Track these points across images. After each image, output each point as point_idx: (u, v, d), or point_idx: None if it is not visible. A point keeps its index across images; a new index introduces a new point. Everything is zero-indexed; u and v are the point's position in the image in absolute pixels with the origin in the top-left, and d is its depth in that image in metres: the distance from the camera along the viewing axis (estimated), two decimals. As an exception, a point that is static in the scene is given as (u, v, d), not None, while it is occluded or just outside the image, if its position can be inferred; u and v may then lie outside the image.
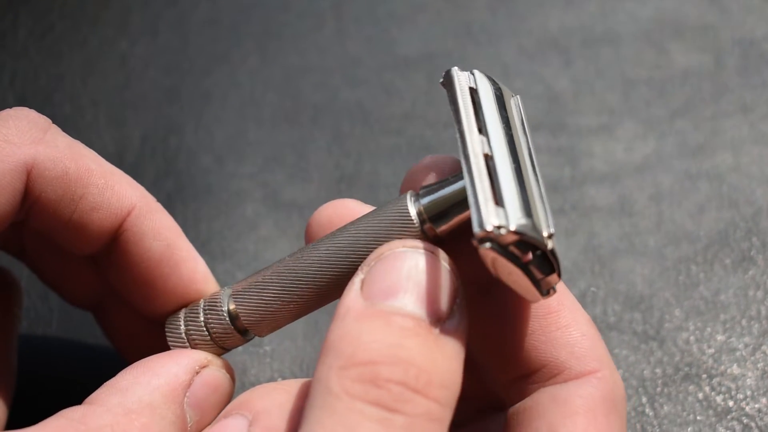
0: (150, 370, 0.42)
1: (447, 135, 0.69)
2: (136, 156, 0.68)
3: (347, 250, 0.42)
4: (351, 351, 0.36)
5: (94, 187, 0.45)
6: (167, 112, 0.71)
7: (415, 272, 0.38)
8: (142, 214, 0.46)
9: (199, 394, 0.43)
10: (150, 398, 0.41)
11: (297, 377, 0.57)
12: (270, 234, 0.64)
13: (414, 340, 0.37)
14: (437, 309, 0.38)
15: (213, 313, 0.45)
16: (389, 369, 0.36)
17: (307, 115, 0.71)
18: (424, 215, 0.41)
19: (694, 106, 0.70)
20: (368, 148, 0.69)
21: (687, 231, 0.63)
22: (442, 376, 0.37)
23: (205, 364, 0.44)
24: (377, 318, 0.37)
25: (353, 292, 0.39)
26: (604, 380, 0.41)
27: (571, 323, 0.42)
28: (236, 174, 0.68)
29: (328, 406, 0.35)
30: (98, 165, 0.46)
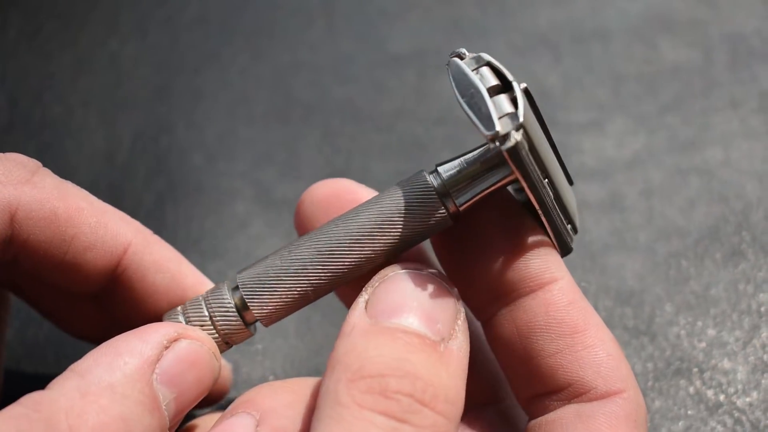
0: (112, 349, 0.40)
1: (438, 131, 0.69)
2: (127, 155, 0.68)
3: (367, 231, 0.42)
4: (359, 365, 0.37)
5: (86, 226, 0.44)
6: (158, 111, 0.71)
7: (419, 293, 0.39)
8: (139, 249, 0.46)
9: (172, 370, 0.41)
10: (110, 378, 0.39)
11: (289, 375, 0.57)
12: (261, 232, 0.64)
13: (419, 356, 0.37)
14: (440, 328, 0.39)
15: (219, 306, 0.44)
16: (398, 381, 0.36)
17: (297, 113, 0.71)
18: (446, 188, 0.41)
19: (683, 101, 0.70)
20: (359, 145, 0.69)
21: (677, 226, 0.63)
22: (447, 391, 0.37)
23: (175, 337, 0.41)
24: (383, 334, 0.38)
25: (357, 311, 0.39)
26: (629, 400, 0.41)
27: (596, 343, 0.42)
28: (227, 172, 0.67)
29: (337, 415, 0.36)
30: (89, 204, 0.45)
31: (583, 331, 0.42)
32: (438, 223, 0.42)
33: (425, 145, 0.68)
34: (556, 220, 0.41)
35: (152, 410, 0.40)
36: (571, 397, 0.42)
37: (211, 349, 0.43)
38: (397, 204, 0.42)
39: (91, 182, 0.66)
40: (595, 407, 0.41)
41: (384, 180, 0.66)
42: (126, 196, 0.65)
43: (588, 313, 0.43)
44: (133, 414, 0.39)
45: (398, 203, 0.42)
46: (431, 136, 0.69)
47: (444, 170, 0.42)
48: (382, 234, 0.42)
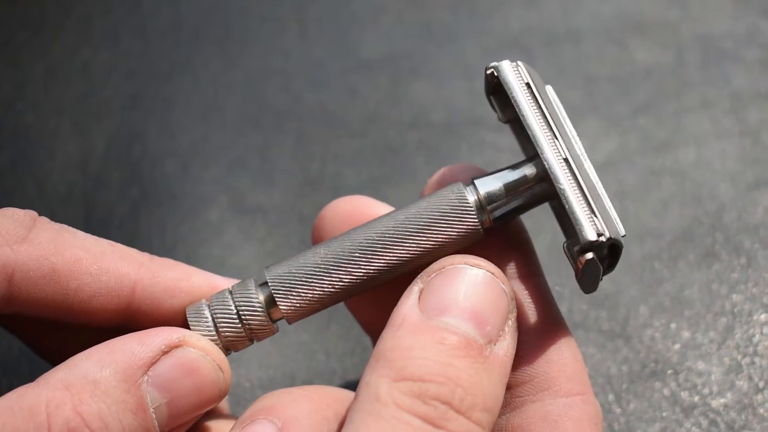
0: (108, 346, 0.41)
1: (411, 136, 0.69)
2: (101, 164, 0.68)
3: (402, 237, 0.43)
4: (402, 364, 0.37)
5: (87, 276, 0.44)
6: (131, 119, 0.71)
7: (473, 291, 0.40)
8: (147, 284, 0.45)
9: (166, 374, 0.41)
10: (96, 374, 0.39)
11: (263, 382, 0.58)
12: (235, 239, 0.64)
13: (463, 361, 0.38)
14: (489, 331, 0.39)
15: (245, 301, 0.44)
16: (437, 387, 0.37)
17: (270, 119, 0.70)
18: (482, 203, 0.42)
19: (656, 102, 0.70)
20: (332, 150, 0.68)
21: (651, 228, 0.63)
22: (485, 399, 0.38)
23: (176, 343, 0.42)
24: (431, 334, 0.38)
25: (410, 301, 0.40)
26: (590, 404, 0.42)
27: (563, 343, 0.43)
28: (200, 179, 0.67)
29: (375, 411, 0.36)
30: (87, 251, 0.44)
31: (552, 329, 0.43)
32: (471, 235, 0.43)
33: (398, 150, 0.68)
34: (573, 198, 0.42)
35: (135, 411, 0.40)
36: (534, 392, 0.42)
37: (216, 360, 0.43)
38: (434, 213, 0.43)
39: (65, 191, 0.65)
40: (560, 409, 0.41)
41: (357, 186, 0.65)
42: (99, 205, 0.65)
43: (558, 314, 0.44)
44: (111, 411, 0.39)
45: (435, 212, 0.43)
46: (404, 140, 0.69)
47: (481, 184, 0.43)
48: (415, 239, 0.43)
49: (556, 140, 0.41)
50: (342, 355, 0.59)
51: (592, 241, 0.39)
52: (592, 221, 0.39)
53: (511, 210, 0.43)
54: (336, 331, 0.60)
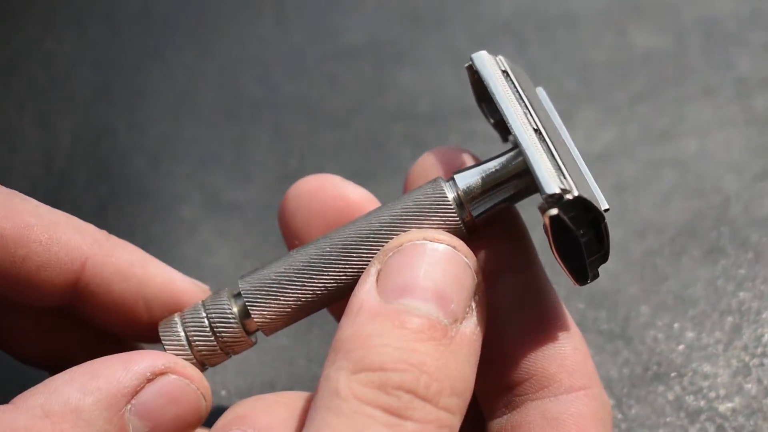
0: (90, 369, 0.40)
1: (396, 127, 0.69)
2: (66, 160, 0.68)
3: (377, 240, 0.42)
4: (361, 354, 0.37)
5: (37, 245, 0.43)
6: (98, 112, 0.71)
7: (434, 268, 0.39)
8: (99, 261, 0.45)
9: (150, 403, 0.40)
10: (79, 402, 0.39)
11: (241, 390, 0.57)
12: (210, 238, 0.64)
13: (427, 345, 0.37)
14: (454, 309, 0.39)
15: (219, 314, 0.44)
16: (399, 376, 0.37)
17: (246, 111, 0.70)
18: (462, 199, 0.42)
19: (656, 89, 0.69)
20: (312, 143, 0.68)
21: (652, 222, 0.62)
22: (453, 383, 0.38)
23: (162, 370, 0.41)
24: (390, 318, 0.38)
25: (367, 284, 0.39)
26: (594, 398, 0.42)
27: (562, 336, 0.43)
28: (172, 175, 0.67)
29: (335, 407, 0.36)
30: (38, 218, 0.44)
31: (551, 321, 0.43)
32: (453, 233, 0.42)
33: (383, 142, 0.68)
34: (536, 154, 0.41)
35: None
36: (533, 391, 0.42)
37: (200, 388, 0.43)
38: (411, 212, 0.42)
39: (27, 189, 0.64)
40: (561, 406, 0.41)
41: (340, 180, 0.65)
42: (65, 203, 0.64)
43: (557, 303, 0.44)
44: None
45: (412, 211, 0.42)
46: (389, 132, 0.69)
47: (461, 179, 0.42)
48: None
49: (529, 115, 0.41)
50: (324, 360, 0.57)
51: (552, 193, 0.38)
52: (557, 178, 0.39)
53: (494, 205, 0.42)
54: (318, 335, 0.59)
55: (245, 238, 0.63)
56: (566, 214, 0.38)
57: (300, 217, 0.47)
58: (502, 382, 0.43)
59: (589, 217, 0.39)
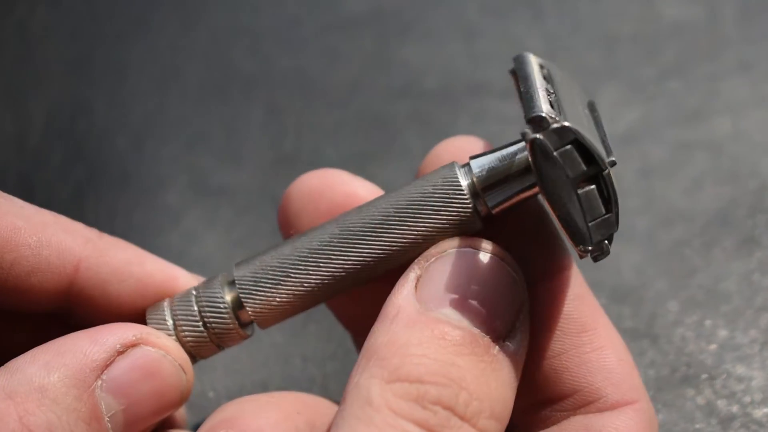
0: (56, 348, 0.40)
1: (401, 105, 0.69)
2: (39, 139, 0.68)
3: (385, 229, 0.42)
4: (398, 362, 0.37)
5: (26, 248, 0.43)
6: (74, 88, 0.71)
7: (478, 279, 0.39)
8: (93, 263, 0.45)
9: (122, 378, 0.40)
10: (43, 380, 0.39)
11: (231, 390, 0.58)
12: (197, 226, 0.64)
13: (468, 360, 0.37)
14: (498, 325, 0.39)
15: (210, 303, 0.44)
16: (438, 390, 0.36)
17: (237, 87, 0.71)
18: (477, 187, 0.41)
19: (686, 64, 0.69)
20: (309, 123, 0.68)
21: (681, 210, 0.62)
22: (493, 405, 0.37)
23: (132, 342, 0.41)
24: (430, 327, 0.38)
25: (406, 290, 0.39)
26: (642, 413, 0.41)
27: (606, 345, 0.42)
28: (156, 157, 0.67)
29: (366, 417, 0.36)
30: (26, 220, 0.44)
31: (591, 330, 0.42)
32: (465, 224, 0.42)
33: (387, 122, 0.68)
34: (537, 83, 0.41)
35: (89, 420, 0.39)
36: (577, 407, 0.42)
37: (178, 359, 0.42)
38: (423, 199, 0.42)
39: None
40: (605, 420, 0.41)
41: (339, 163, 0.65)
42: (38, 188, 0.66)
43: (597, 310, 0.43)
44: (62, 422, 0.38)
45: (424, 198, 0.42)
46: (394, 111, 0.69)
47: (477, 165, 0.41)
48: (403, 230, 0.42)
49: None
50: (322, 359, 0.58)
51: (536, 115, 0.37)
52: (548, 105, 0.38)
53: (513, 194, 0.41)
54: (314, 332, 0.59)
55: (235, 227, 0.64)
56: (553, 147, 0.37)
57: (304, 218, 0.46)
58: (541, 396, 0.43)
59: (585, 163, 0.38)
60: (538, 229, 0.44)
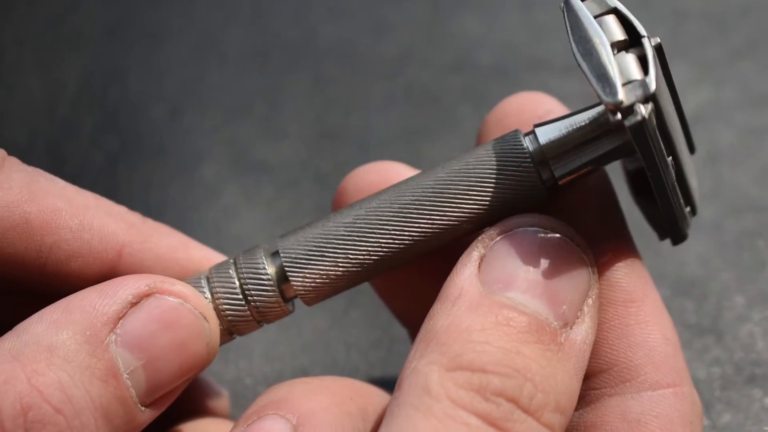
0: (64, 306, 0.40)
1: (453, 80, 0.68)
2: (71, 107, 0.68)
3: (442, 199, 0.42)
4: (459, 349, 0.37)
5: (67, 232, 0.43)
6: (108, 53, 0.71)
7: (545, 261, 0.39)
8: (136, 248, 0.45)
9: (138, 331, 0.40)
10: (52, 339, 0.38)
11: (268, 377, 0.58)
12: (235, 202, 0.64)
13: (533, 348, 0.37)
14: (565, 311, 0.38)
15: (252, 275, 0.43)
16: (502, 381, 0.36)
17: (281, 56, 0.71)
18: (543, 156, 0.41)
19: (759, 44, 0.69)
20: (356, 96, 0.68)
21: (751, 198, 0.62)
22: (558, 397, 0.37)
23: (146, 292, 0.40)
24: (494, 312, 0.37)
25: (468, 270, 0.39)
26: (684, 398, 0.41)
27: (652, 320, 0.42)
28: (194, 129, 0.67)
29: (424, 407, 0.36)
30: (67, 202, 0.43)
31: (639, 302, 0.42)
32: (529, 194, 0.41)
33: (438, 97, 0.68)
34: (674, 204, 0.41)
35: (105, 378, 0.39)
36: (613, 384, 0.41)
37: (197, 307, 0.42)
38: (484, 167, 0.41)
39: (26, 139, 0.66)
40: (644, 405, 0.40)
41: (387, 139, 0.65)
42: (69, 158, 0.66)
43: (647, 283, 0.42)
44: (75, 381, 0.38)
45: (485, 166, 0.41)
46: (445, 86, 0.68)
47: (543, 133, 0.41)
48: (462, 200, 0.41)
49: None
50: (365, 347, 0.58)
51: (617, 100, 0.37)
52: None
53: (580, 166, 0.41)
54: (358, 318, 0.59)
55: (276, 203, 0.64)
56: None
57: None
58: None
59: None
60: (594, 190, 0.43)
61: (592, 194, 0.43)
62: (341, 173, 0.63)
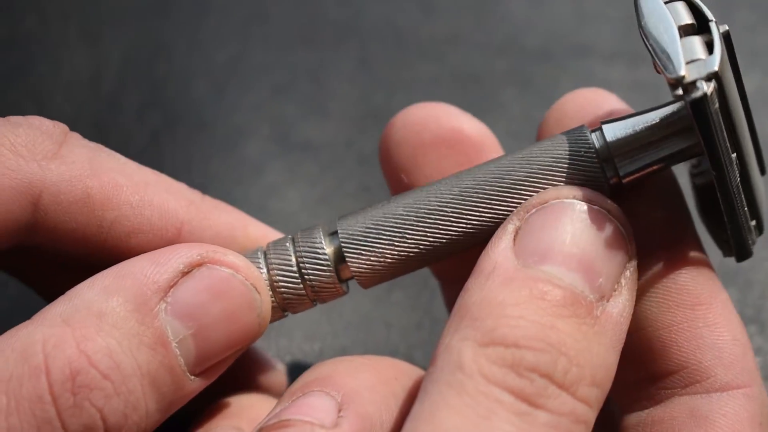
0: (115, 272, 0.40)
1: (499, 63, 0.68)
2: (115, 81, 0.68)
3: (504, 187, 0.42)
4: (492, 324, 0.36)
5: (128, 207, 0.43)
6: (153, 28, 0.71)
7: (582, 233, 0.39)
8: (196, 226, 0.45)
9: (189, 300, 0.40)
10: (102, 305, 0.39)
11: (308, 357, 0.58)
12: (278, 180, 0.64)
13: (569, 322, 0.37)
14: (602, 284, 0.38)
15: (310, 253, 0.43)
16: (535, 356, 0.36)
17: (326, 35, 0.71)
18: (609, 153, 0.41)
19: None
20: (401, 77, 0.68)
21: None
22: (594, 371, 0.37)
23: (198, 261, 0.41)
24: (528, 286, 0.37)
25: (503, 243, 0.39)
26: (753, 398, 0.41)
27: (721, 322, 0.41)
28: (238, 105, 0.67)
29: (457, 383, 0.36)
30: (128, 177, 0.44)
31: (707, 305, 0.41)
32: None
33: (483, 81, 0.68)
34: (738, 210, 0.41)
35: (153, 346, 0.39)
36: (682, 386, 0.41)
37: (249, 278, 0.42)
38: (548, 159, 0.42)
39: (70, 114, 0.66)
40: (713, 404, 0.40)
41: (432, 120, 0.65)
42: (113, 133, 0.66)
43: (715, 285, 0.42)
44: (123, 348, 0.38)
45: (549, 158, 0.42)
46: (491, 69, 0.68)
47: (610, 130, 0.41)
48: (523, 189, 0.41)
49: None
50: (406, 328, 0.58)
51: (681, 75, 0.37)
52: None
53: (647, 165, 0.41)
54: (400, 300, 0.59)
55: (319, 182, 0.64)
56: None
57: (406, 148, 0.47)
58: (644, 371, 0.42)
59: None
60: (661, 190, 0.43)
61: (659, 196, 0.43)
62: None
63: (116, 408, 0.38)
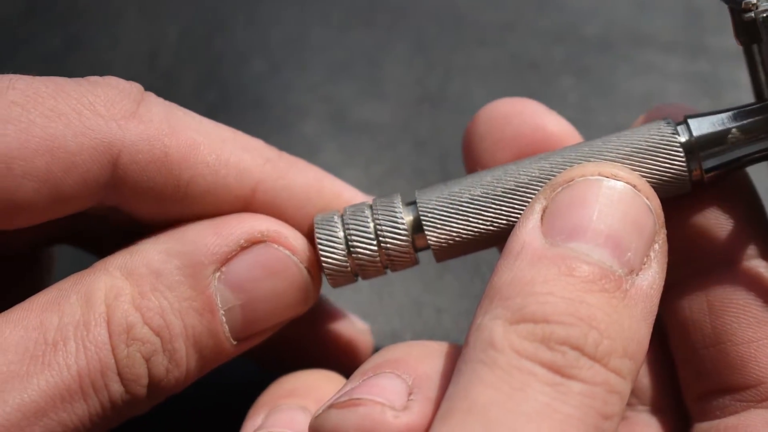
0: (179, 235, 0.42)
1: (557, 51, 0.68)
2: (173, 58, 0.68)
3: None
4: (521, 302, 0.36)
5: (204, 167, 0.43)
6: (211, 5, 0.71)
7: (609, 209, 0.38)
8: (270, 186, 0.45)
9: (243, 274, 0.41)
10: (161, 265, 0.41)
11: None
12: (333, 160, 0.64)
13: (598, 297, 0.37)
14: (630, 258, 0.38)
15: (388, 219, 0.44)
16: (565, 330, 0.36)
17: (385, 16, 0.70)
18: (694, 146, 0.41)
19: None
20: (458, 61, 0.67)
21: None
22: (626, 343, 0.37)
23: (258, 238, 0.42)
24: (557, 263, 0.37)
25: (531, 222, 0.39)
26: None
27: None
28: (294, 84, 0.67)
29: (489, 360, 0.36)
30: (206, 136, 0.44)
31: None
32: (674, 185, 0.42)
33: (541, 67, 0.67)
34: None
35: (202, 311, 0.41)
36: (759, 400, 0.41)
37: (305, 262, 0.43)
38: (630, 150, 0.42)
39: None
40: None
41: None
42: None
43: None
44: (174, 310, 0.41)
45: (631, 150, 0.42)
46: (549, 55, 0.68)
47: (696, 124, 0.41)
48: None
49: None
50: (458, 314, 0.58)
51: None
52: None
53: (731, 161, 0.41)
54: (451, 284, 0.59)
55: (374, 164, 0.63)
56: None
57: (488, 142, 0.46)
58: (721, 384, 0.42)
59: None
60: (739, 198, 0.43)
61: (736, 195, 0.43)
62: (439, 139, 0.62)
63: (160, 363, 0.41)
